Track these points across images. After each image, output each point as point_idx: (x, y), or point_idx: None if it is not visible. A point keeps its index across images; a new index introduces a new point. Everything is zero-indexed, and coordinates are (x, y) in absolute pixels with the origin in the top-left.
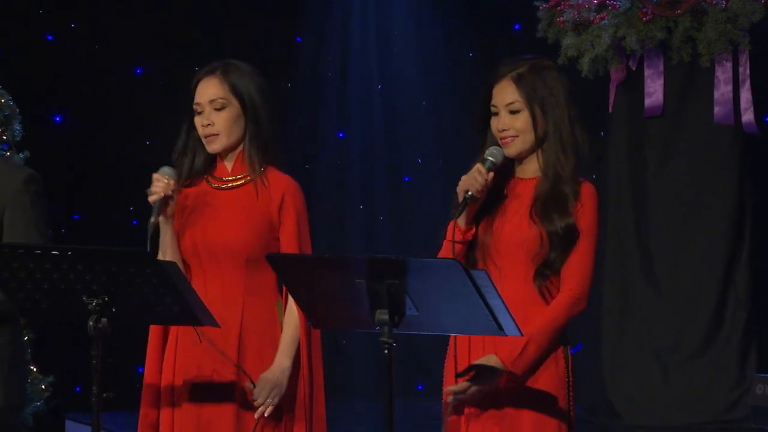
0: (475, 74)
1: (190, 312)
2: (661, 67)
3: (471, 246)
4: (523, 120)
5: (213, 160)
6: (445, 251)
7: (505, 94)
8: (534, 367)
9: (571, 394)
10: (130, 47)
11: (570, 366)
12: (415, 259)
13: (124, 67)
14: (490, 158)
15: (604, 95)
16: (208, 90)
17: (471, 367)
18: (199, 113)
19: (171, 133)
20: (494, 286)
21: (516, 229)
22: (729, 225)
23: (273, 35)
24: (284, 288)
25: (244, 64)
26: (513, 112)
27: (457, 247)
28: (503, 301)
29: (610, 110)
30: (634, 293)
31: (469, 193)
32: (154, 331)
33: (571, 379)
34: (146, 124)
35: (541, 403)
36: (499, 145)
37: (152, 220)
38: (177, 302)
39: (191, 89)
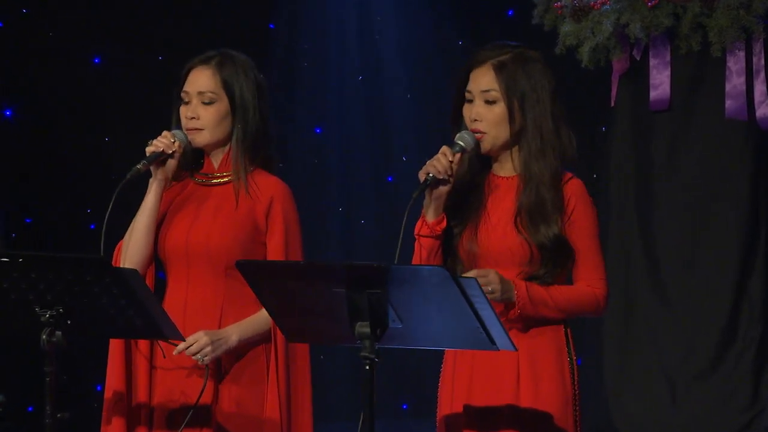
0: (463, 65)
1: (154, 325)
2: (668, 57)
3: (456, 254)
4: (497, 112)
5: (201, 155)
6: (417, 252)
7: (483, 81)
8: (532, 321)
9: (578, 413)
10: (87, 34)
11: (576, 379)
12: (399, 266)
13: (82, 56)
14: (460, 142)
15: (605, 88)
16: (199, 81)
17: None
18: (186, 102)
19: (133, 129)
20: (485, 296)
21: (502, 237)
22: (742, 230)
23: (243, 21)
24: None
25: (243, 58)
26: (488, 102)
27: (426, 242)
28: (495, 312)
29: (612, 104)
30: (638, 304)
31: (430, 175)
32: (115, 345)
33: (577, 394)
34: (106, 118)
35: (547, 426)
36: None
37: (138, 166)
38: (139, 314)
39: (182, 75)
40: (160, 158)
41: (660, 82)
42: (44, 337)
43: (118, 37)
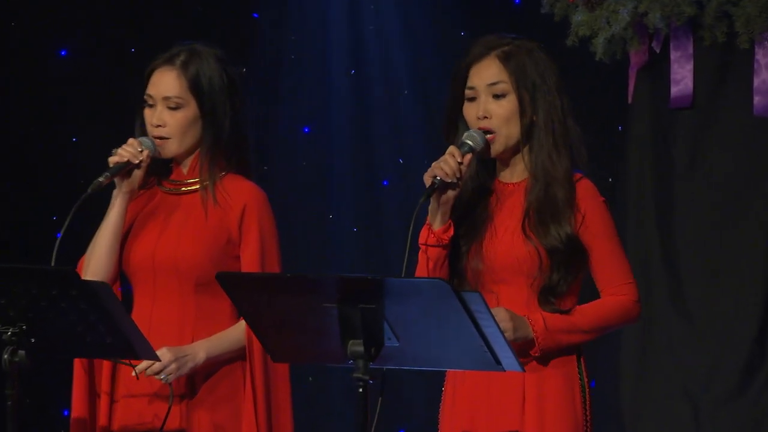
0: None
1: (126, 343)
2: (691, 49)
3: (461, 272)
4: (508, 106)
5: (169, 160)
6: (422, 263)
7: (488, 73)
8: (552, 355)
9: None
10: (53, 24)
11: (589, 403)
12: (395, 279)
13: (46, 48)
14: (468, 141)
15: (622, 83)
16: (164, 84)
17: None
18: (151, 106)
19: (103, 129)
20: (490, 312)
21: (509, 249)
22: None
23: (224, 11)
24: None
25: (212, 52)
26: (497, 96)
27: (433, 251)
28: (501, 330)
29: (630, 101)
30: (658, 320)
31: (438, 178)
32: (78, 367)
33: (590, 419)
34: (72, 117)
35: None
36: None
37: (100, 178)
38: (110, 331)
39: (145, 75)
40: (126, 169)
41: (682, 77)
42: (6, 356)
43: (87, 26)
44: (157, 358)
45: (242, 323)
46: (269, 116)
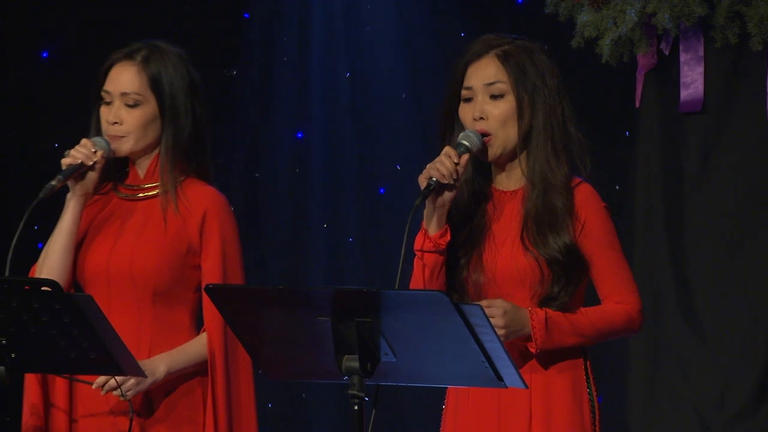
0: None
1: (110, 359)
2: (701, 51)
3: (462, 285)
4: (505, 107)
5: (125, 163)
6: (418, 270)
7: (486, 72)
8: (549, 354)
9: None
10: (34, 25)
11: (598, 419)
12: (392, 291)
13: (27, 50)
14: (464, 142)
15: (629, 86)
16: (122, 79)
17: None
18: (107, 103)
19: (86, 134)
20: (491, 326)
21: (509, 261)
22: None
23: (213, 10)
24: (214, 330)
25: (173, 49)
26: (494, 97)
27: (430, 258)
28: (503, 345)
29: (638, 105)
30: (667, 335)
31: (433, 179)
32: (30, 384)
33: None
34: (54, 121)
35: None
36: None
37: (53, 182)
38: (94, 346)
39: (102, 70)
40: (79, 171)
41: (692, 80)
42: None
43: (70, 27)
44: (143, 375)
45: (203, 336)
46: (261, 121)
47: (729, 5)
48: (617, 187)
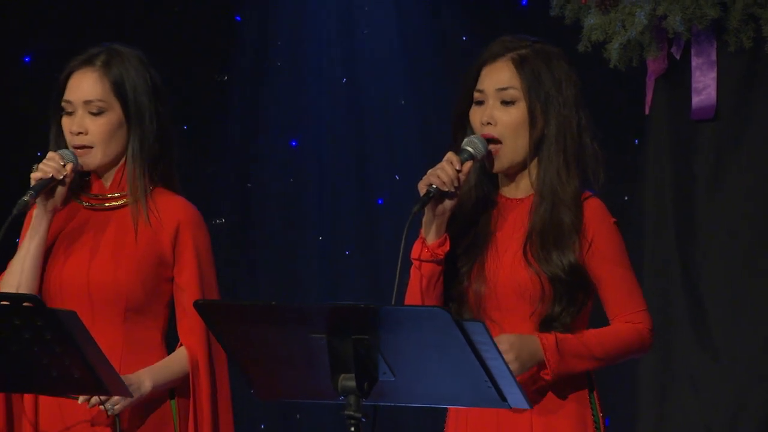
0: (470, 63)
1: (95, 378)
2: (714, 56)
3: (462, 295)
4: (516, 114)
5: (85, 172)
6: (415, 280)
7: (500, 76)
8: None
9: None
10: (17, 28)
11: None
12: (391, 307)
13: (9, 54)
14: (468, 148)
15: (639, 92)
16: (84, 87)
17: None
18: (69, 113)
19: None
20: (494, 343)
21: (511, 274)
22: None
23: (203, 13)
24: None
25: (133, 53)
26: (505, 103)
27: (427, 267)
28: (507, 364)
29: (647, 111)
30: (679, 353)
31: (433, 186)
32: None
33: None
34: (37, 128)
35: None
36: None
37: (26, 198)
38: (77, 365)
39: (60, 80)
40: (50, 186)
41: (704, 86)
42: None
43: (54, 30)
44: (129, 394)
45: (183, 350)
46: (253, 128)
47: (743, 7)
48: (626, 198)
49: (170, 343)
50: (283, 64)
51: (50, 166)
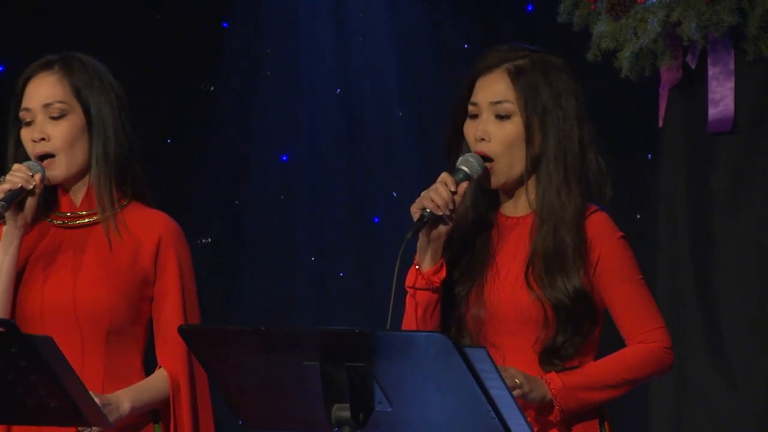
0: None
1: (73, 408)
2: (732, 65)
3: (460, 319)
4: (511, 129)
5: (53, 190)
6: (410, 309)
7: (494, 89)
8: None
9: None
10: None
11: None
12: (387, 332)
13: None
14: (464, 168)
15: (652, 103)
16: (42, 91)
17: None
18: (28, 123)
19: None
20: (497, 370)
21: (512, 297)
22: None
23: (188, 19)
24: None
25: (91, 60)
26: (500, 117)
27: (422, 296)
28: (511, 392)
29: (661, 124)
30: (694, 380)
31: (427, 210)
32: None
33: None
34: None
35: None
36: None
37: None
38: (53, 393)
39: (17, 90)
40: (19, 197)
41: (721, 97)
42: None
43: (30, 39)
44: (110, 425)
45: (162, 372)
46: (242, 142)
47: (762, 14)
48: (638, 216)
49: (148, 367)
50: (273, 74)
51: (18, 176)
